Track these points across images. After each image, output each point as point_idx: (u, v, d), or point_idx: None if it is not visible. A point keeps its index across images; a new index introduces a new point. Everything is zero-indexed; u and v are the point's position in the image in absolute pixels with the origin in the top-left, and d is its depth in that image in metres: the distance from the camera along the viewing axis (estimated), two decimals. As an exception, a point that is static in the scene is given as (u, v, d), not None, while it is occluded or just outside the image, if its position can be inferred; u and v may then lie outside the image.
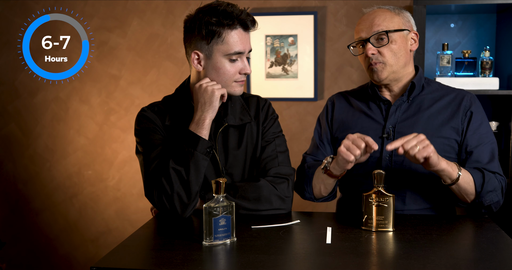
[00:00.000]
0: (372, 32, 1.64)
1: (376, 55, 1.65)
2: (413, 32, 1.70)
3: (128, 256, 1.24)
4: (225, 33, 1.49)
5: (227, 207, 1.29)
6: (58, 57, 3.09)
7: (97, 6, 3.04)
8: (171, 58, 3.01)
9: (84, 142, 3.13)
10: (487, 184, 1.56)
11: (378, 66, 1.66)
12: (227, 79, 1.54)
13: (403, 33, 1.66)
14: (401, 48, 1.66)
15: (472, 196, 1.57)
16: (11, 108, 3.17)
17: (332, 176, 1.62)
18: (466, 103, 1.67)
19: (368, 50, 1.64)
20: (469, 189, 1.56)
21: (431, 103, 1.69)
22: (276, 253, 1.22)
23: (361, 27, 1.68)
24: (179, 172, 1.47)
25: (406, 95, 1.69)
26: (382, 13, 1.67)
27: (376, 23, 1.65)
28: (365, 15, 1.70)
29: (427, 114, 1.67)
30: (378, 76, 1.67)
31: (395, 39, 1.64)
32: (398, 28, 1.65)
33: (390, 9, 1.69)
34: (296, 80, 2.90)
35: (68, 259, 3.22)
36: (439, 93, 1.71)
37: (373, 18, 1.66)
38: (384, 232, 1.38)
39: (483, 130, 1.66)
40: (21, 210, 3.23)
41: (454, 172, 1.52)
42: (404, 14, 1.69)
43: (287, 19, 2.87)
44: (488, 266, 1.13)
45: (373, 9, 1.71)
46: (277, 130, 1.68)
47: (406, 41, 1.67)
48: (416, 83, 1.68)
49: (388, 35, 1.63)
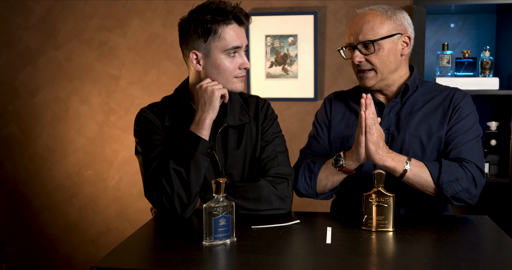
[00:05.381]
0: (359, 40, 1.62)
1: (364, 62, 1.64)
2: (405, 35, 1.66)
3: (128, 256, 1.24)
4: (221, 29, 1.50)
5: (227, 207, 1.29)
6: (58, 57, 3.09)
7: (97, 6, 3.04)
8: (171, 58, 3.01)
9: (84, 142, 3.13)
10: (445, 174, 1.52)
11: (367, 74, 1.65)
12: (228, 76, 1.55)
13: (392, 39, 1.63)
14: (390, 54, 1.63)
15: (431, 189, 1.54)
16: (11, 108, 3.17)
17: (347, 172, 1.61)
18: (455, 100, 1.65)
19: (355, 58, 1.63)
20: (423, 182, 1.53)
21: (423, 103, 1.68)
22: (276, 253, 1.22)
23: (351, 32, 1.65)
24: (179, 172, 1.47)
25: (400, 97, 1.68)
26: (372, 19, 1.62)
27: (363, 30, 1.61)
28: (356, 18, 1.66)
29: (419, 115, 1.66)
30: (366, 83, 1.66)
31: (382, 46, 1.61)
32: (387, 34, 1.61)
33: (382, 12, 1.63)
34: (296, 80, 2.90)
35: (68, 259, 3.23)
36: (431, 93, 1.70)
37: (362, 24, 1.62)
38: (384, 232, 1.38)
39: (465, 123, 1.62)
40: (21, 210, 3.23)
41: (400, 167, 1.51)
42: (397, 17, 1.64)
43: (287, 19, 2.87)
44: (488, 266, 1.13)
45: (365, 10, 1.66)
46: (277, 130, 1.68)
47: (395, 46, 1.64)
48: (410, 85, 1.67)
49: (374, 44, 1.60)
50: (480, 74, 2.62)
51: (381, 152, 1.51)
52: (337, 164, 1.59)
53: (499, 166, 2.66)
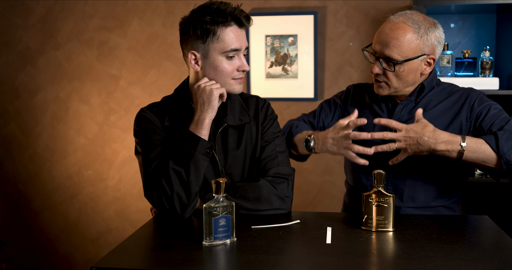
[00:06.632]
0: (383, 54, 1.60)
1: (381, 75, 1.64)
2: (431, 56, 1.62)
3: (128, 256, 1.24)
4: (219, 30, 1.50)
5: (227, 207, 1.29)
6: (58, 57, 3.09)
7: (97, 6, 3.04)
8: (171, 58, 3.01)
9: (84, 142, 3.13)
10: (504, 140, 1.49)
11: (381, 84, 1.66)
12: (225, 77, 1.54)
13: (416, 60, 1.60)
14: (409, 73, 1.62)
15: (493, 160, 1.51)
16: (11, 108, 3.17)
17: (311, 153, 1.74)
18: (470, 100, 1.65)
19: (374, 68, 1.64)
20: (483, 155, 1.50)
21: (436, 103, 1.68)
22: (276, 253, 1.22)
23: (378, 39, 1.62)
24: (179, 172, 1.47)
25: (415, 95, 1.69)
26: (402, 35, 1.57)
27: (390, 46, 1.58)
28: (387, 27, 1.60)
29: (431, 114, 1.66)
30: (380, 92, 1.68)
31: (403, 66, 1.60)
32: (413, 56, 1.58)
33: (415, 30, 1.57)
34: (296, 80, 2.90)
35: (68, 259, 3.22)
36: (445, 94, 1.70)
37: (391, 38, 1.58)
38: (384, 232, 1.38)
39: (494, 112, 1.61)
40: (21, 210, 3.23)
41: (455, 146, 1.50)
42: (428, 36, 1.59)
43: (287, 19, 2.87)
44: (488, 266, 1.13)
45: (398, 21, 1.59)
46: (277, 130, 1.68)
47: (418, 66, 1.62)
48: (426, 86, 1.67)
49: (395, 65, 1.59)
50: (480, 74, 2.62)
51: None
52: (307, 146, 1.69)
53: (499, 166, 2.65)
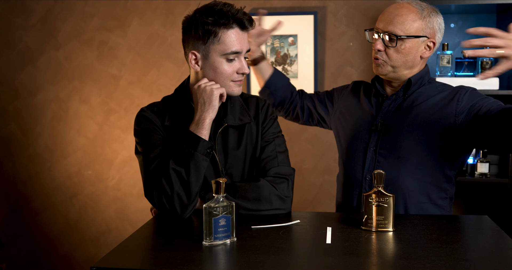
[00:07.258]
0: (387, 29, 1.64)
1: (382, 52, 1.66)
2: (431, 39, 1.66)
3: (128, 256, 1.24)
4: (221, 32, 1.49)
5: (227, 207, 1.29)
6: (58, 57, 3.09)
7: (97, 6, 3.04)
8: (171, 58, 3.01)
9: (84, 142, 3.13)
10: None
11: (381, 62, 1.68)
12: (225, 79, 1.54)
13: (418, 39, 1.64)
14: (410, 53, 1.65)
15: None
16: (11, 108, 3.17)
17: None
18: (459, 95, 1.66)
19: (375, 45, 1.66)
20: None
21: (425, 99, 1.70)
22: (276, 253, 1.22)
23: (382, 18, 1.67)
24: (179, 172, 1.47)
25: (402, 90, 1.71)
26: (406, 13, 1.63)
27: (394, 22, 1.63)
28: (392, 7, 1.67)
29: (418, 109, 1.68)
30: (378, 71, 1.70)
31: (405, 43, 1.63)
32: (415, 34, 1.63)
33: (418, 10, 1.64)
34: (296, 80, 2.90)
35: (68, 259, 3.23)
36: (435, 90, 1.72)
37: (395, 15, 1.63)
38: (384, 232, 1.38)
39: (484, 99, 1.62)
40: (21, 210, 3.23)
41: None
42: (430, 19, 1.64)
43: (287, 19, 2.86)
44: (488, 266, 1.13)
45: (403, 2, 1.66)
46: (277, 130, 1.68)
47: (418, 47, 1.65)
48: (413, 81, 1.69)
49: (398, 39, 1.62)
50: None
51: None
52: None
53: (499, 166, 2.66)
